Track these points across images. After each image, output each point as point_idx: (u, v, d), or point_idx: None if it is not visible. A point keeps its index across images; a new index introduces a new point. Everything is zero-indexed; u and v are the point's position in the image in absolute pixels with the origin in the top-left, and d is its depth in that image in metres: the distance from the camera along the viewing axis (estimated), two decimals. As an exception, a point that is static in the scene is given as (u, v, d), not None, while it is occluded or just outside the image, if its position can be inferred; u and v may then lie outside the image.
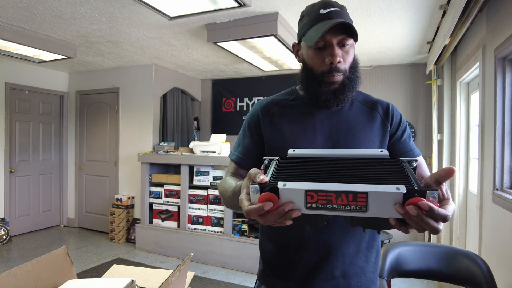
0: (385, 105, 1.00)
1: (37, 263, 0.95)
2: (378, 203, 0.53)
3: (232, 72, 4.91)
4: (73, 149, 5.16)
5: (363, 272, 0.94)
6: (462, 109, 3.08)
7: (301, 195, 0.56)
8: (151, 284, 1.14)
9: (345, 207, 0.54)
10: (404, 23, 2.80)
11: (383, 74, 4.31)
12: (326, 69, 0.89)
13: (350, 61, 0.91)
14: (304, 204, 0.56)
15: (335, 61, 0.87)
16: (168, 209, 4.04)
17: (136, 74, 4.56)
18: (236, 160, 1.03)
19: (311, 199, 0.55)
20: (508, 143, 1.86)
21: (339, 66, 0.88)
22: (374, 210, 0.53)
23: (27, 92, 4.64)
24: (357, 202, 0.53)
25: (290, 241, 0.94)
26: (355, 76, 0.93)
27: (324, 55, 0.89)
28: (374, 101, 1.01)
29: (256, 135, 1.01)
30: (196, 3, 2.36)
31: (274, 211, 0.57)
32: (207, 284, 3.18)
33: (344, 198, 0.53)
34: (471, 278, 1.38)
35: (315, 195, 0.55)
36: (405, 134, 0.99)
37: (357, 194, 0.53)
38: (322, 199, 0.54)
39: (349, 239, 0.92)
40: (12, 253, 3.94)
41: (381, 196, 0.52)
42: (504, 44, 1.78)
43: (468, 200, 3.05)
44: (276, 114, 0.99)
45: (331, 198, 0.54)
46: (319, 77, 0.91)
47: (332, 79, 0.89)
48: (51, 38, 3.30)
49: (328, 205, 0.54)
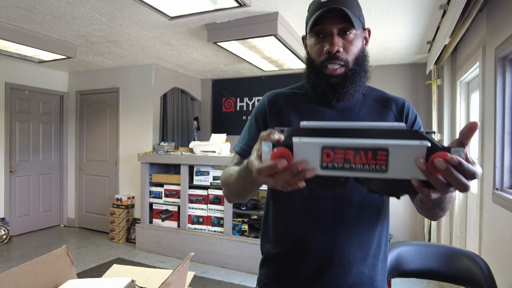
0: (400, 103, 0.93)
1: (37, 263, 0.95)
2: (399, 161, 0.48)
3: (232, 72, 4.91)
4: (73, 149, 5.16)
5: (370, 281, 0.88)
6: (462, 109, 3.08)
7: (317, 152, 0.51)
8: (151, 284, 1.14)
9: (363, 167, 0.49)
10: (404, 23, 2.80)
11: (383, 74, 4.31)
12: (324, 59, 0.85)
13: (355, 52, 0.86)
14: (319, 163, 0.51)
15: (333, 50, 0.83)
16: (168, 209, 4.04)
17: (136, 74, 4.56)
18: (240, 152, 0.98)
19: (327, 157, 0.51)
20: (508, 143, 1.86)
21: (339, 56, 0.84)
22: (395, 170, 0.49)
23: (27, 92, 4.64)
24: (376, 160, 0.49)
25: (293, 243, 0.89)
26: (360, 69, 0.87)
27: (324, 43, 0.85)
28: (388, 98, 0.95)
29: (262, 127, 0.96)
30: (196, 3, 2.36)
31: (287, 170, 0.52)
32: (207, 284, 3.18)
33: (363, 156, 0.49)
34: (471, 278, 1.38)
35: (332, 153, 0.50)
36: None
37: (377, 151, 0.49)
38: (339, 157, 0.50)
39: (356, 245, 0.86)
40: (12, 253, 3.94)
41: (404, 151, 0.48)
42: (504, 44, 1.78)
43: (468, 200, 3.05)
44: (284, 107, 0.95)
45: (348, 156, 0.50)
46: (319, 67, 0.87)
47: (331, 71, 0.85)
48: (51, 38, 3.30)
49: (345, 164, 0.50)
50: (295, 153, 0.52)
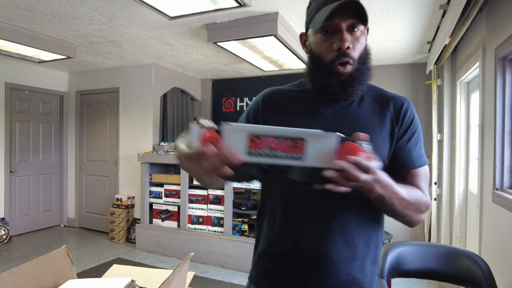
0: (399, 103, 0.89)
1: (37, 263, 0.95)
2: (315, 151, 0.54)
3: (232, 72, 4.91)
4: (73, 149, 5.16)
5: (357, 283, 0.86)
6: (462, 109, 3.08)
7: (244, 138, 0.54)
8: (151, 284, 1.14)
9: (285, 155, 0.54)
10: (404, 23, 2.80)
11: (383, 74, 4.31)
12: (334, 56, 0.81)
13: (361, 50, 0.83)
14: (246, 150, 0.54)
15: (343, 46, 0.79)
16: (168, 209, 4.04)
17: (136, 74, 4.56)
18: None
19: (252, 143, 0.54)
20: (508, 143, 1.86)
21: (349, 52, 0.80)
22: (311, 159, 0.54)
23: (27, 92, 4.64)
24: (296, 148, 0.53)
25: (282, 242, 0.89)
26: (365, 68, 0.84)
27: (333, 40, 0.81)
28: (387, 97, 0.91)
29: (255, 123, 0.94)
30: (196, 3, 2.36)
31: (215, 156, 0.53)
32: (207, 284, 3.18)
33: (284, 144, 0.53)
34: (471, 278, 1.38)
35: (257, 140, 0.54)
36: (411, 140, 0.88)
37: (296, 140, 0.53)
38: (264, 144, 0.54)
39: (341, 245, 0.84)
40: (12, 253, 3.94)
41: (319, 141, 0.53)
42: (504, 44, 1.78)
43: (468, 200, 3.05)
44: (279, 105, 0.92)
45: (271, 144, 0.53)
46: (328, 66, 0.82)
47: (341, 69, 0.81)
48: (51, 38, 3.29)
49: (269, 151, 0.54)
50: (223, 139, 0.54)
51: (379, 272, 1.41)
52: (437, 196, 3.51)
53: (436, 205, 3.51)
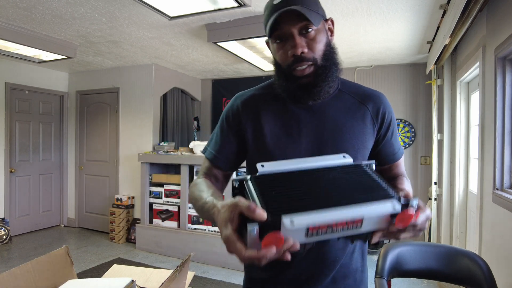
0: (378, 103, 0.91)
1: (37, 263, 0.95)
2: (371, 220, 0.55)
3: (232, 72, 4.91)
4: (73, 149, 5.16)
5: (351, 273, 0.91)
6: (462, 109, 3.08)
7: (303, 229, 0.52)
8: (151, 284, 1.14)
9: (342, 229, 0.54)
10: (404, 23, 2.80)
11: (383, 74, 4.31)
12: (290, 62, 0.81)
13: (321, 48, 0.82)
14: (304, 235, 0.52)
15: (297, 52, 0.79)
16: (168, 209, 4.04)
17: (136, 74, 4.56)
18: (210, 157, 0.94)
19: (312, 228, 0.52)
20: (508, 143, 1.86)
21: (305, 56, 0.80)
22: (367, 226, 0.56)
23: (27, 92, 4.64)
24: (353, 222, 0.54)
25: None
26: (330, 64, 0.84)
27: (287, 47, 0.81)
28: (366, 94, 0.92)
29: (235, 131, 0.92)
30: (196, 3, 2.36)
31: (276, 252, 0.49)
32: (207, 284, 3.18)
33: (343, 223, 0.54)
34: (471, 278, 1.38)
35: (317, 227, 0.53)
36: (393, 135, 0.93)
37: (354, 219, 0.54)
38: (323, 228, 0.53)
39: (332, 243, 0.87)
40: (12, 253, 3.94)
41: (375, 215, 0.55)
42: (504, 44, 1.78)
43: (468, 200, 3.05)
44: (259, 112, 0.91)
45: (331, 225, 0.54)
46: (286, 71, 0.83)
47: (301, 72, 0.82)
48: (51, 38, 3.29)
49: (328, 230, 0.54)
50: (283, 233, 0.50)
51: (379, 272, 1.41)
52: (437, 196, 3.51)
53: (436, 205, 3.51)
